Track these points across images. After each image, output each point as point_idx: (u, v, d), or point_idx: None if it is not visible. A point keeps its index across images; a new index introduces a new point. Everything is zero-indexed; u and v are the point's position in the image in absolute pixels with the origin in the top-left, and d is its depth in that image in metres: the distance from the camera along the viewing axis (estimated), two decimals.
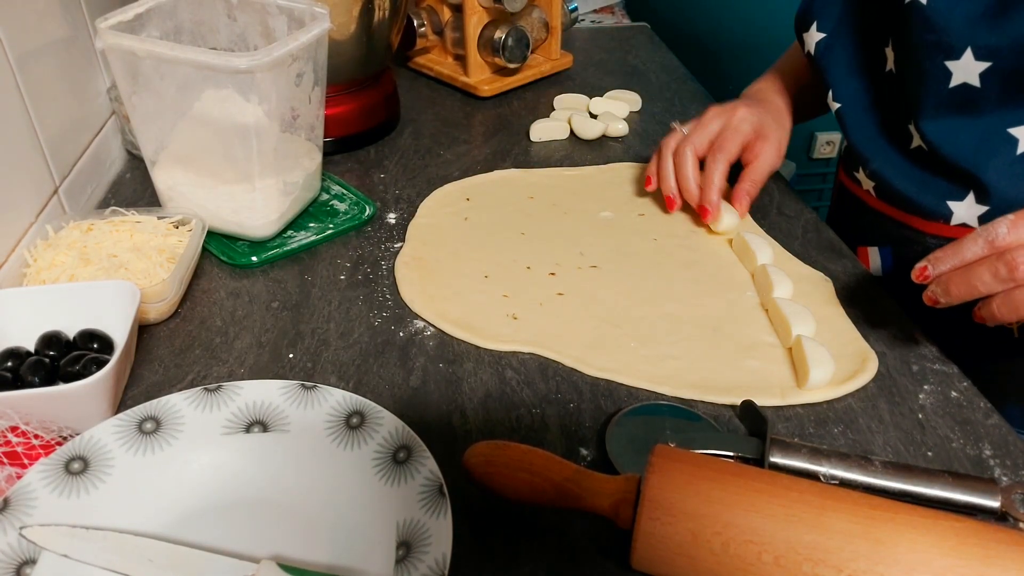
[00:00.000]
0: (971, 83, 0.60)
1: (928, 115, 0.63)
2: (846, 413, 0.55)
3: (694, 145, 0.73)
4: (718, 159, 0.72)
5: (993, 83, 0.59)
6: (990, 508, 0.46)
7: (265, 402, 0.50)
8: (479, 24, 0.98)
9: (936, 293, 0.52)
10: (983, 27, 0.58)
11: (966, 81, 0.60)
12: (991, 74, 0.59)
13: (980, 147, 0.61)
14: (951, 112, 0.62)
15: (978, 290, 0.50)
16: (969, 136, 0.62)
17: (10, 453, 0.46)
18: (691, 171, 0.73)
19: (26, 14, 0.68)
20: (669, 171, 0.75)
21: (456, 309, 0.64)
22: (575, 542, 0.46)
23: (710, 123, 0.74)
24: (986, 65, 0.59)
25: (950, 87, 0.61)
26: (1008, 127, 0.60)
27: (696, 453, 0.43)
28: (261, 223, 0.69)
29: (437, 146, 0.90)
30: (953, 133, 0.62)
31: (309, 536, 0.46)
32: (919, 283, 0.53)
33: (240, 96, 0.62)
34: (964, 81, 0.60)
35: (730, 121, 0.73)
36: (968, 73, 0.60)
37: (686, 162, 0.73)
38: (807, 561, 0.38)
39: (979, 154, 0.61)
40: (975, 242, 0.51)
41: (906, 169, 0.68)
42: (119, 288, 0.57)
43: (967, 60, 0.59)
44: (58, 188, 0.72)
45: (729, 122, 0.73)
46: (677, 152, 0.74)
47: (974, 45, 0.59)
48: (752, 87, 0.83)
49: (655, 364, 0.59)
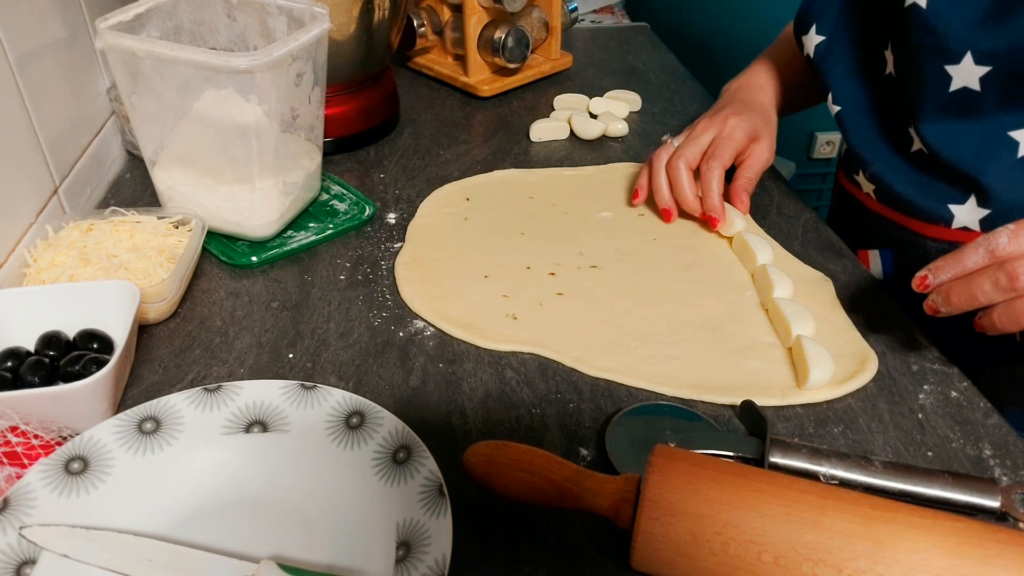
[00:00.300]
0: (971, 87, 0.60)
1: (928, 119, 0.63)
2: (846, 413, 0.55)
3: (686, 158, 0.72)
4: (712, 166, 0.71)
5: (993, 87, 0.59)
6: (990, 508, 0.46)
7: (265, 402, 0.50)
8: (479, 24, 0.98)
9: (936, 302, 0.52)
10: (982, 31, 0.58)
11: (966, 85, 0.60)
12: (991, 78, 0.59)
13: (980, 150, 0.61)
14: (951, 116, 0.62)
15: (978, 300, 0.50)
16: (969, 139, 0.62)
17: (10, 453, 0.46)
18: (687, 183, 0.72)
19: (26, 14, 0.68)
20: (663, 184, 0.74)
21: (456, 309, 0.64)
22: (575, 542, 0.46)
23: (701, 135, 0.73)
24: (986, 69, 0.59)
25: (950, 91, 0.61)
26: (1008, 130, 0.60)
27: (696, 453, 0.43)
28: (261, 223, 0.69)
29: (437, 146, 0.90)
30: (953, 137, 0.62)
31: (309, 536, 0.46)
32: (919, 292, 0.53)
33: (240, 96, 0.62)
34: (964, 85, 0.60)
35: (722, 131, 0.73)
36: (968, 77, 0.60)
37: (680, 175, 0.72)
38: (807, 561, 0.38)
39: (979, 157, 0.61)
40: (976, 251, 0.51)
41: (906, 172, 0.68)
42: (119, 288, 0.57)
43: (967, 64, 0.59)
44: (58, 188, 0.72)
45: (721, 132, 0.73)
46: (670, 166, 0.73)
47: (974, 49, 0.59)
48: (733, 84, 0.83)
49: (655, 364, 0.59)
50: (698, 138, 0.73)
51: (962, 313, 0.51)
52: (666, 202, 0.74)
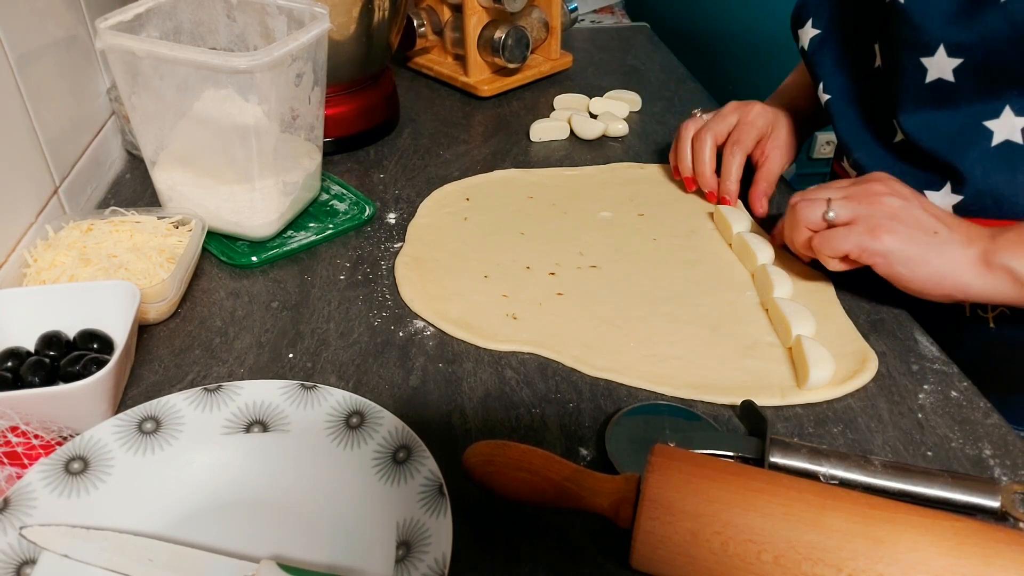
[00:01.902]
0: (945, 78, 0.61)
1: (908, 109, 0.65)
2: (846, 413, 0.55)
3: (714, 132, 0.77)
4: (735, 152, 0.76)
5: (966, 78, 0.61)
6: (990, 508, 0.46)
7: (265, 402, 0.51)
8: (479, 24, 0.98)
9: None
10: (955, 24, 0.59)
11: (941, 77, 0.62)
12: (963, 70, 0.60)
13: (957, 140, 0.63)
14: (929, 106, 0.64)
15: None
16: (946, 129, 0.63)
17: (10, 453, 0.46)
18: (708, 157, 0.78)
19: (26, 14, 0.68)
20: (687, 154, 0.79)
21: (456, 309, 0.64)
22: (575, 542, 0.46)
23: (729, 115, 0.79)
24: (958, 61, 0.60)
25: (926, 82, 0.63)
26: (983, 120, 0.61)
27: (696, 453, 0.43)
28: (261, 223, 0.70)
29: (437, 146, 0.90)
30: (932, 127, 0.64)
31: (309, 536, 0.46)
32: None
33: (240, 96, 0.62)
34: (939, 77, 0.62)
35: (747, 116, 0.78)
36: (942, 69, 0.61)
37: (704, 147, 0.77)
38: (806, 560, 0.38)
39: (956, 146, 0.63)
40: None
41: (886, 160, 0.69)
42: (119, 288, 0.57)
43: (940, 57, 0.61)
44: (58, 188, 0.72)
45: (746, 116, 0.78)
46: (697, 137, 0.78)
47: (946, 42, 0.60)
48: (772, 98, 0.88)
49: (655, 364, 0.59)
50: (726, 116, 0.78)
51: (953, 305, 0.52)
52: (689, 171, 0.79)
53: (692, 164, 0.79)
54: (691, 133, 0.79)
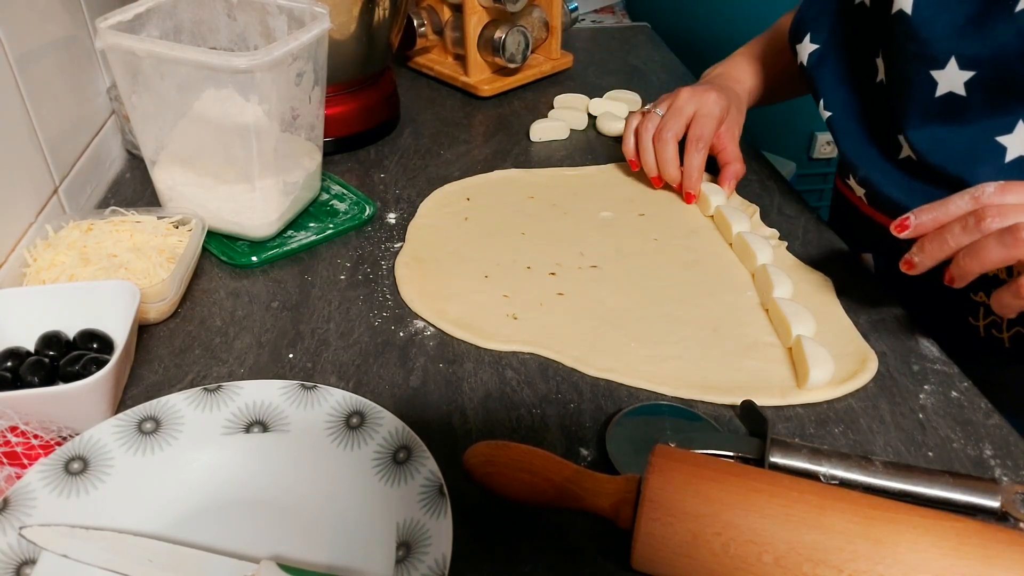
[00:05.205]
0: (956, 92, 0.60)
1: (915, 124, 0.63)
2: (846, 413, 0.55)
3: (674, 131, 0.77)
4: (700, 148, 0.76)
5: (978, 92, 0.59)
6: (990, 508, 0.46)
7: (265, 402, 0.50)
8: (479, 24, 0.98)
9: (912, 253, 0.53)
10: (965, 37, 0.58)
11: (952, 90, 0.60)
12: (975, 83, 0.59)
13: (967, 155, 0.61)
14: (938, 121, 0.62)
15: (948, 244, 0.51)
16: (956, 145, 0.62)
17: (10, 453, 0.46)
18: (671, 155, 0.77)
19: (26, 14, 0.68)
20: (650, 154, 0.79)
21: (456, 309, 0.64)
22: (575, 542, 0.46)
23: (685, 106, 0.77)
24: (970, 74, 0.59)
25: (936, 96, 0.61)
26: (995, 135, 0.60)
27: (696, 453, 0.43)
28: (261, 223, 0.69)
29: (437, 146, 0.90)
30: (941, 142, 0.62)
31: (309, 536, 0.46)
32: (896, 234, 0.54)
33: (240, 96, 0.62)
34: (950, 90, 0.60)
35: (703, 107, 0.77)
36: (953, 83, 0.60)
37: (667, 148, 0.77)
38: (807, 561, 0.38)
39: (967, 163, 0.61)
40: (962, 198, 0.52)
41: (895, 177, 0.68)
42: (119, 288, 0.57)
43: (951, 69, 0.59)
44: (58, 188, 0.72)
45: (703, 108, 0.77)
46: (658, 138, 0.77)
47: (957, 55, 0.59)
48: (713, 71, 0.88)
49: (655, 364, 0.59)
50: (682, 109, 0.77)
51: (955, 311, 0.51)
52: (654, 171, 0.79)
53: (656, 164, 0.78)
54: (651, 133, 0.78)
